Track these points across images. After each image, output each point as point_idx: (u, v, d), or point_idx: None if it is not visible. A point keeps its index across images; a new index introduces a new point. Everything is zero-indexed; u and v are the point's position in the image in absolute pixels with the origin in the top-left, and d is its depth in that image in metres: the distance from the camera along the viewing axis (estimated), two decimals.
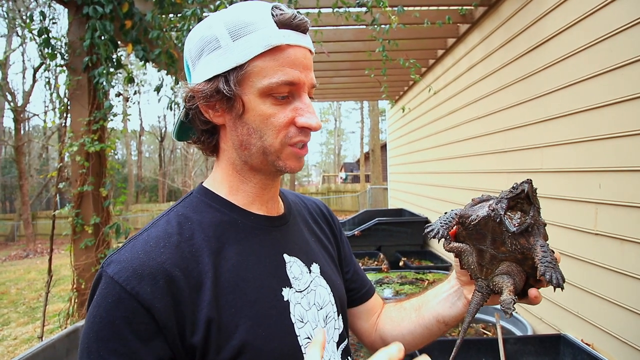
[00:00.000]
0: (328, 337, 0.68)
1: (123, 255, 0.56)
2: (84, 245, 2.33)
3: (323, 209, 0.86)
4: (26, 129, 17.69)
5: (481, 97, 2.81)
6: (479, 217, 0.58)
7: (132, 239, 0.59)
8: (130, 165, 21.42)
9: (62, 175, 2.46)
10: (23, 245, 12.70)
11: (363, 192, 15.70)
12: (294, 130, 0.62)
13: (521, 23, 2.23)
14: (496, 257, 0.60)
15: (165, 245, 0.57)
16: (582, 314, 1.77)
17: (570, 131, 1.83)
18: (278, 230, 0.69)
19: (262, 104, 0.60)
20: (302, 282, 0.67)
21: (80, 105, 2.36)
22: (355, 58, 3.65)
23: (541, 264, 0.54)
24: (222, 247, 0.61)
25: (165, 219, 0.62)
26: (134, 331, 0.51)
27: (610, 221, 1.59)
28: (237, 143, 0.63)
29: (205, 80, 0.60)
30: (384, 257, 3.32)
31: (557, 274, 0.53)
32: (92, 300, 0.55)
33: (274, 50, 0.58)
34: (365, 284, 0.87)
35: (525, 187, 0.55)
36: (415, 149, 4.80)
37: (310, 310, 0.66)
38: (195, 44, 0.62)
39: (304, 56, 0.61)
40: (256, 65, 0.59)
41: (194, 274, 0.56)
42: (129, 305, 0.52)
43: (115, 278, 0.53)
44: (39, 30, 2.28)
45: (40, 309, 4.85)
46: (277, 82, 0.58)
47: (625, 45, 1.48)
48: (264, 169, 0.65)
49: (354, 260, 0.88)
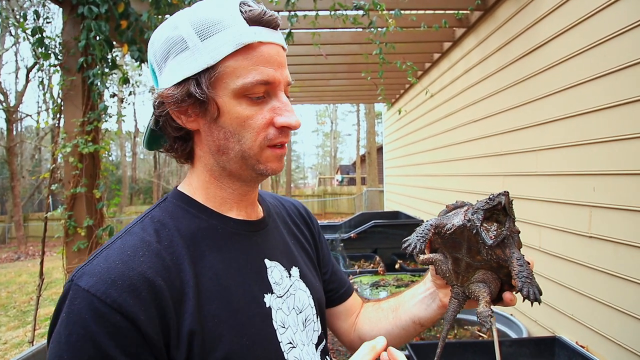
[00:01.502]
0: (307, 339, 0.67)
1: (97, 267, 0.51)
2: (77, 248, 2.30)
3: (301, 210, 0.85)
4: (19, 129, 17.50)
5: (477, 101, 2.83)
6: (455, 227, 0.58)
7: (104, 248, 0.55)
8: (124, 166, 21.25)
9: (54, 177, 2.43)
10: (14, 247, 12.52)
11: (359, 195, 15.72)
12: (273, 131, 0.59)
13: (517, 27, 2.25)
14: (472, 265, 0.61)
15: (144, 254, 0.53)
16: (576, 316, 1.78)
17: (565, 134, 1.84)
18: (258, 234, 0.67)
19: (238, 105, 0.57)
20: (282, 287, 0.66)
21: (73, 106, 2.33)
22: (352, 61, 3.66)
23: (518, 279, 0.55)
24: (202, 254, 0.58)
25: (140, 225, 0.58)
26: (118, 346, 0.47)
27: (604, 224, 1.60)
28: (214, 148, 0.60)
29: (175, 84, 0.57)
30: (380, 260, 3.32)
31: (534, 289, 0.54)
32: (57, 319, 0.49)
33: (245, 48, 0.56)
34: (344, 284, 0.87)
35: (502, 199, 0.55)
36: (412, 152, 4.82)
37: (290, 315, 0.65)
38: (160, 46, 0.58)
39: (277, 53, 0.59)
40: (228, 66, 0.56)
41: (176, 284, 0.54)
42: (112, 319, 0.47)
43: (92, 291, 0.48)
44: (33, 30, 2.26)
45: (31, 313, 4.78)
46: (251, 82, 0.56)
47: (619, 50, 1.50)
48: (244, 175, 0.62)
49: (332, 261, 0.88)
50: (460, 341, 2.03)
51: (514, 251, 0.56)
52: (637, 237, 1.43)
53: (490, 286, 0.60)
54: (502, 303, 0.62)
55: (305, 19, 2.65)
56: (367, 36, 2.75)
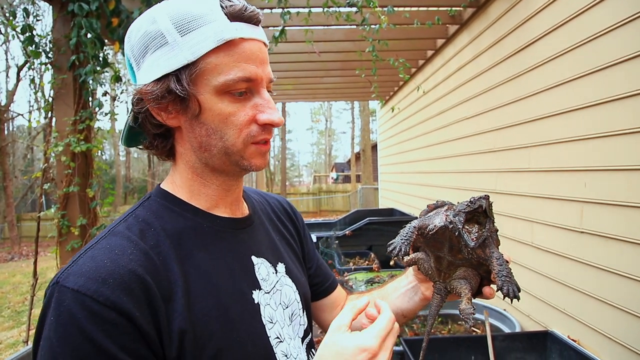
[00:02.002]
0: (294, 333, 0.68)
1: (84, 267, 0.49)
2: (70, 248, 2.28)
3: (286, 206, 0.86)
4: (10, 129, 17.28)
5: (470, 98, 2.84)
6: (437, 227, 0.61)
7: (87, 249, 0.53)
8: (118, 165, 21.08)
9: (47, 176, 2.40)
10: (8, 248, 12.38)
11: (354, 192, 15.75)
12: (255, 128, 0.59)
13: (509, 24, 2.27)
14: (453, 263, 0.64)
15: (132, 252, 0.52)
16: (568, 310, 1.81)
17: (557, 131, 1.86)
18: (244, 232, 0.67)
19: (220, 102, 0.56)
20: (269, 283, 0.66)
21: (65, 105, 2.31)
22: (345, 58, 3.66)
23: (498, 278, 0.58)
24: (189, 254, 0.58)
25: (125, 225, 0.57)
26: (116, 343, 0.46)
27: (595, 219, 1.62)
28: (195, 145, 0.60)
29: (154, 80, 0.56)
30: (374, 257, 3.33)
31: (513, 287, 0.58)
32: (43, 325, 0.48)
33: (227, 44, 0.55)
34: (328, 277, 0.89)
35: (483, 203, 0.58)
36: (406, 149, 4.83)
37: (277, 310, 0.66)
38: (138, 41, 0.57)
39: (259, 49, 0.58)
40: (209, 62, 0.55)
41: (164, 284, 0.53)
42: (107, 317, 0.46)
43: (82, 291, 0.47)
44: (23, 28, 2.23)
45: (25, 313, 4.74)
46: (233, 78, 0.55)
47: (611, 46, 1.52)
48: (227, 170, 0.62)
49: (317, 255, 0.89)
50: (454, 336, 2.05)
51: (493, 250, 0.60)
52: (627, 232, 1.45)
53: (470, 282, 0.64)
54: (482, 296, 0.66)
55: (298, 16, 2.64)
56: (360, 33, 2.75)
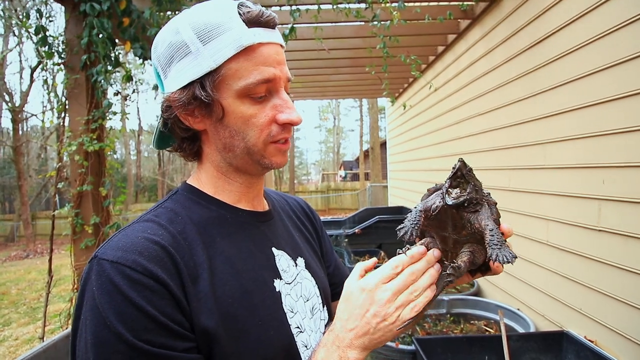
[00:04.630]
0: (315, 327, 0.70)
1: (120, 242, 0.53)
2: (84, 245, 2.32)
3: (305, 207, 0.89)
4: (24, 129, 17.64)
5: (483, 94, 2.79)
6: (439, 207, 0.63)
7: (121, 231, 0.57)
8: (129, 164, 21.37)
9: (61, 175, 2.44)
10: (23, 245, 12.67)
11: (363, 190, 15.70)
12: (276, 128, 0.62)
13: (523, 18, 2.22)
14: (459, 241, 0.65)
15: (162, 234, 0.57)
16: (585, 310, 1.77)
17: (573, 127, 1.82)
18: (265, 225, 0.70)
19: (241, 105, 0.60)
20: (289, 275, 0.69)
21: (78, 104, 2.34)
22: (354, 55, 3.63)
23: (489, 247, 0.58)
24: (213, 240, 0.61)
25: (154, 214, 0.61)
26: (156, 308, 0.50)
27: (614, 217, 1.58)
28: (220, 146, 0.64)
29: (180, 88, 0.59)
30: (385, 255, 3.31)
31: (503, 252, 0.57)
32: (83, 297, 0.51)
33: (246, 50, 0.58)
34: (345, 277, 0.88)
35: (457, 164, 0.61)
36: (416, 146, 4.79)
37: (298, 301, 0.68)
38: (164, 51, 0.61)
39: (276, 52, 0.61)
40: (230, 68, 0.58)
41: (191, 264, 0.56)
42: (146, 284, 0.50)
43: (121, 261, 0.50)
44: (36, 29, 2.26)
45: (41, 310, 4.84)
46: (253, 82, 0.59)
47: (628, 40, 1.47)
48: (250, 169, 0.66)
49: (335, 256, 0.91)
50: (466, 336, 2.02)
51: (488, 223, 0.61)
52: None
53: (475, 255, 0.64)
54: (490, 272, 0.66)
55: (307, 13, 2.63)
56: (370, 30, 2.72)
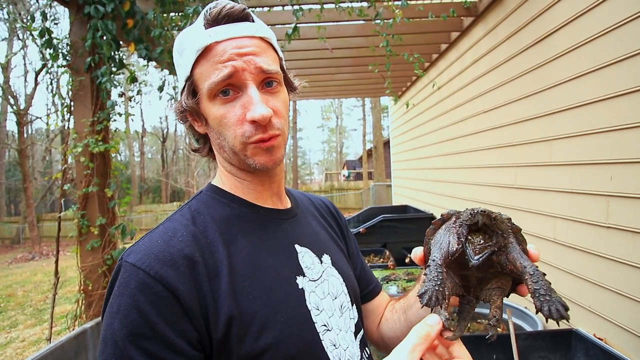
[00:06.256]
0: (345, 326, 0.68)
1: (142, 245, 0.57)
2: (90, 247, 2.33)
3: (330, 206, 0.88)
4: (29, 132, 17.78)
5: (487, 91, 2.78)
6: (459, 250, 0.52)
7: (148, 233, 0.61)
8: (133, 166, 21.48)
9: (66, 177, 2.45)
10: (29, 247, 12.76)
11: (366, 190, 15.68)
12: (248, 127, 0.60)
13: (527, 15, 2.20)
14: (485, 278, 0.57)
15: (182, 235, 0.59)
16: (594, 308, 1.75)
17: (579, 123, 1.80)
18: (287, 222, 0.70)
19: (213, 107, 0.62)
20: (314, 272, 0.67)
21: (83, 106, 2.35)
22: (357, 54, 3.62)
23: (536, 299, 0.49)
24: (234, 238, 0.62)
25: (179, 213, 0.65)
26: (160, 314, 0.52)
27: (622, 214, 1.56)
28: (217, 147, 0.67)
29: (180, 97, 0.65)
30: (389, 254, 3.30)
31: (557, 307, 0.47)
32: (111, 292, 0.55)
33: (205, 52, 0.60)
34: (372, 281, 0.87)
35: (479, 219, 0.50)
36: (420, 145, 4.77)
37: (325, 299, 0.66)
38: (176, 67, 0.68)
39: (238, 46, 0.60)
40: (197, 73, 0.62)
41: (210, 262, 0.58)
42: (154, 289, 0.52)
43: (138, 265, 0.54)
44: (41, 31, 2.27)
45: (47, 311, 4.87)
46: (215, 81, 0.59)
47: (634, 36, 1.45)
48: (245, 168, 0.67)
49: (361, 258, 0.89)
50: (474, 334, 2.01)
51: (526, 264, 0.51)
52: None
53: (503, 289, 0.56)
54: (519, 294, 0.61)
55: (310, 12, 2.62)
56: (373, 28, 2.71)
